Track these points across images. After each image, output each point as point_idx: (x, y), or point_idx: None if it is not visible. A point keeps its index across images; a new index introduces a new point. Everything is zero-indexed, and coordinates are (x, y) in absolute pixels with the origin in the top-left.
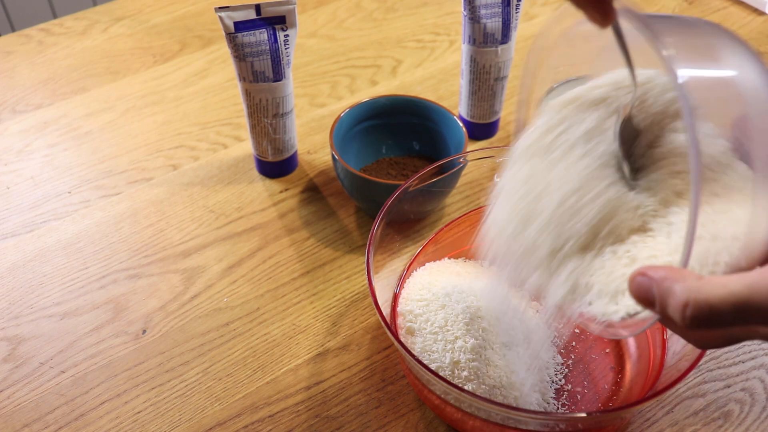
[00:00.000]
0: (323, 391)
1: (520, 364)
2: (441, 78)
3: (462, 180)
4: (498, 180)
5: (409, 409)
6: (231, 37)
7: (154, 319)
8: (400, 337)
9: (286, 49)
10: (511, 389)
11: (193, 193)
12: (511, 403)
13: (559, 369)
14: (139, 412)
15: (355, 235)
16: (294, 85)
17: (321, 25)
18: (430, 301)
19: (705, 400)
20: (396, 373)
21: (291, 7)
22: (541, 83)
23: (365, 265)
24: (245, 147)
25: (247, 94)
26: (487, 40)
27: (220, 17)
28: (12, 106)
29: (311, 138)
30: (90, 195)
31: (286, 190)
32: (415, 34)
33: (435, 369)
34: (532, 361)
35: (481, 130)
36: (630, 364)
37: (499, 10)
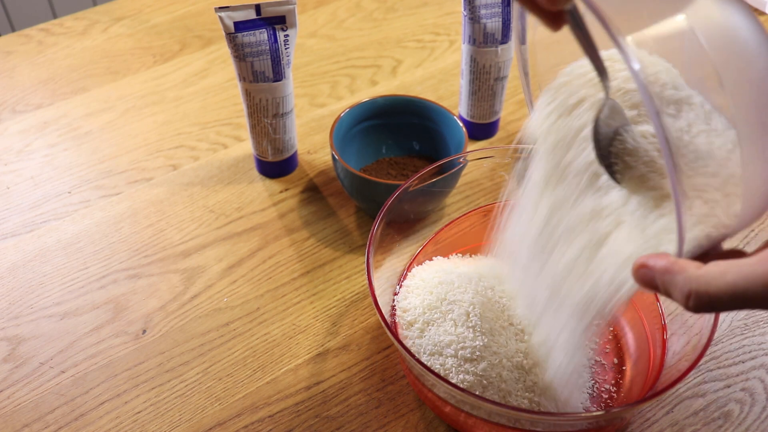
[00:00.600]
0: (323, 391)
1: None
2: (441, 78)
3: (462, 180)
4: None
5: (409, 409)
6: (231, 37)
7: (154, 319)
8: (399, 337)
9: (286, 49)
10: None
11: (193, 193)
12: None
13: None
14: (139, 412)
15: (355, 235)
16: (294, 85)
17: (321, 25)
18: (430, 301)
19: (705, 400)
20: (396, 373)
21: (291, 7)
22: (544, 82)
23: (365, 265)
24: (245, 147)
25: (247, 94)
26: (487, 40)
27: (220, 17)
28: (12, 106)
29: (311, 138)
30: (90, 195)
31: (286, 190)
32: (415, 34)
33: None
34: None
35: (481, 130)
36: (630, 364)
37: (499, 10)
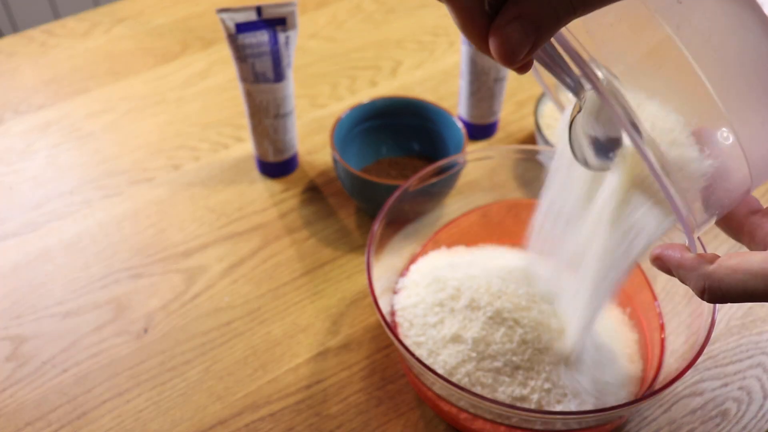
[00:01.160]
0: (324, 389)
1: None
2: (441, 79)
3: (461, 180)
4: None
5: (409, 407)
6: (232, 39)
7: (156, 319)
8: (399, 336)
9: (286, 50)
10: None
11: (195, 194)
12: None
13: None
14: (140, 411)
15: (356, 235)
16: (295, 86)
17: (321, 27)
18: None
19: (702, 399)
20: (396, 372)
21: (292, 8)
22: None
23: (365, 264)
24: (246, 147)
25: (248, 95)
26: None
27: (222, 19)
28: (15, 106)
29: (312, 138)
30: (92, 195)
31: (287, 190)
32: (415, 36)
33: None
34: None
35: (481, 130)
36: None
37: None
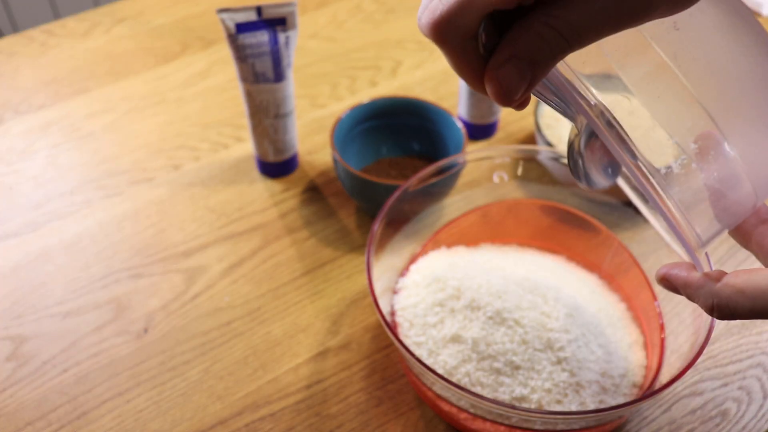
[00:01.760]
0: (324, 389)
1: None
2: (441, 79)
3: (461, 180)
4: None
5: (409, 407)
6: (232, 39)
7: (156, 319)
8: (399, 336)
9: (287, 50)
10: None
11: (195, 194)
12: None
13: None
14: (140, 411)
15: (356, 235)
16: (295, 86)
17: (321, 27)
18: (429, 300)
19: (702, 399)
20: (396, 371)
21: (292, 8)
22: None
23: (365, 264)
24: (246, 147)
25: (249, 95)
26: None
27: (222, 19)
28: (15, 106)
29: (312, 138)
30: (92, 195)
31: (287, 190)
32: (415, 36)
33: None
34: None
35: (480, 130)
36: None
37: None
